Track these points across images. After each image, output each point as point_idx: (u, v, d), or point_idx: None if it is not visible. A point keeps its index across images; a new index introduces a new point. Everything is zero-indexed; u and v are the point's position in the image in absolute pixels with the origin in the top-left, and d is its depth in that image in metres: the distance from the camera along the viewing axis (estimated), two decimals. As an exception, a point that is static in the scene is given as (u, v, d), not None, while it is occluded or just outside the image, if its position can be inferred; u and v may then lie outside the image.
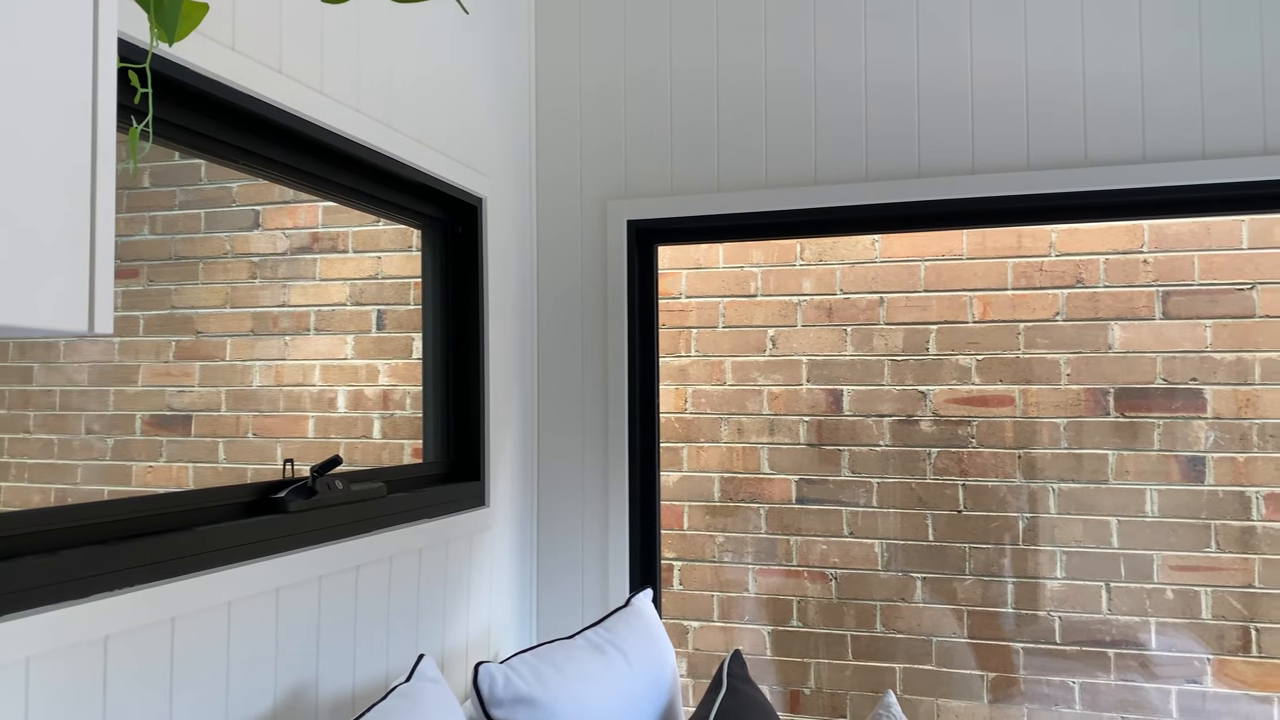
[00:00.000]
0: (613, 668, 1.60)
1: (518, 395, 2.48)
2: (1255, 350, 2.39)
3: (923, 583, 2.59)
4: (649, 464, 2.63)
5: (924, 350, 2.61)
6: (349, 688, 1.51)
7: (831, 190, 2.43)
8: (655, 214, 2.53)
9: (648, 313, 2.63)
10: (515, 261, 2.49)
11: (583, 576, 2.56)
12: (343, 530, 1.50)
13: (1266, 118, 2.21)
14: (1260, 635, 2.37)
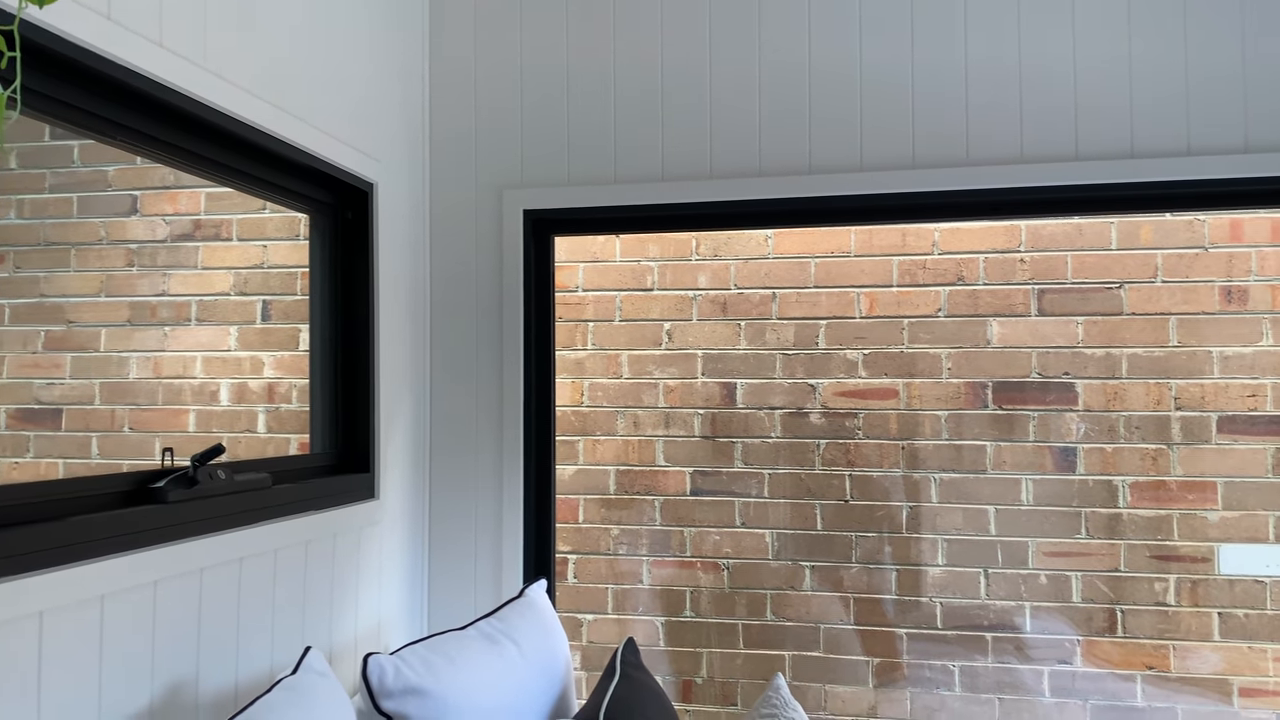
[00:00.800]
0: (505, 658, 1.62)
1: (410, 387, 2.47)
2: (1123, 346, 2.55)
3: (811, 571, 2.68)
4: (544, 456, 2.66)
5: (814, 345, 2.70)
6: (232, 684, 1.49)
7: (726, 185, 2.50)
8: (552, 204, 2.56)
9: (544, 304, 2.66)
10: (408, 250, 2.48)
11: (475, 570, 2.57)
12: (225, 522, 1.49)
13: (1134, 120, 2.35)
14: (1125, 617, 2.53)
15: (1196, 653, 2.50)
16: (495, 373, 2.61)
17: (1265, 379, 2.49)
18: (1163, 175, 2.34)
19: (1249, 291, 2.51)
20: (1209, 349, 2.52)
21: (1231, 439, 2.49)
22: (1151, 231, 2.56)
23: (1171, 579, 2.52)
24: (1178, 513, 2.52)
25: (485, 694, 1.52)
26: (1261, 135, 2.31)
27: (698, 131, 2.55)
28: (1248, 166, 2.30)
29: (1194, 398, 2.52)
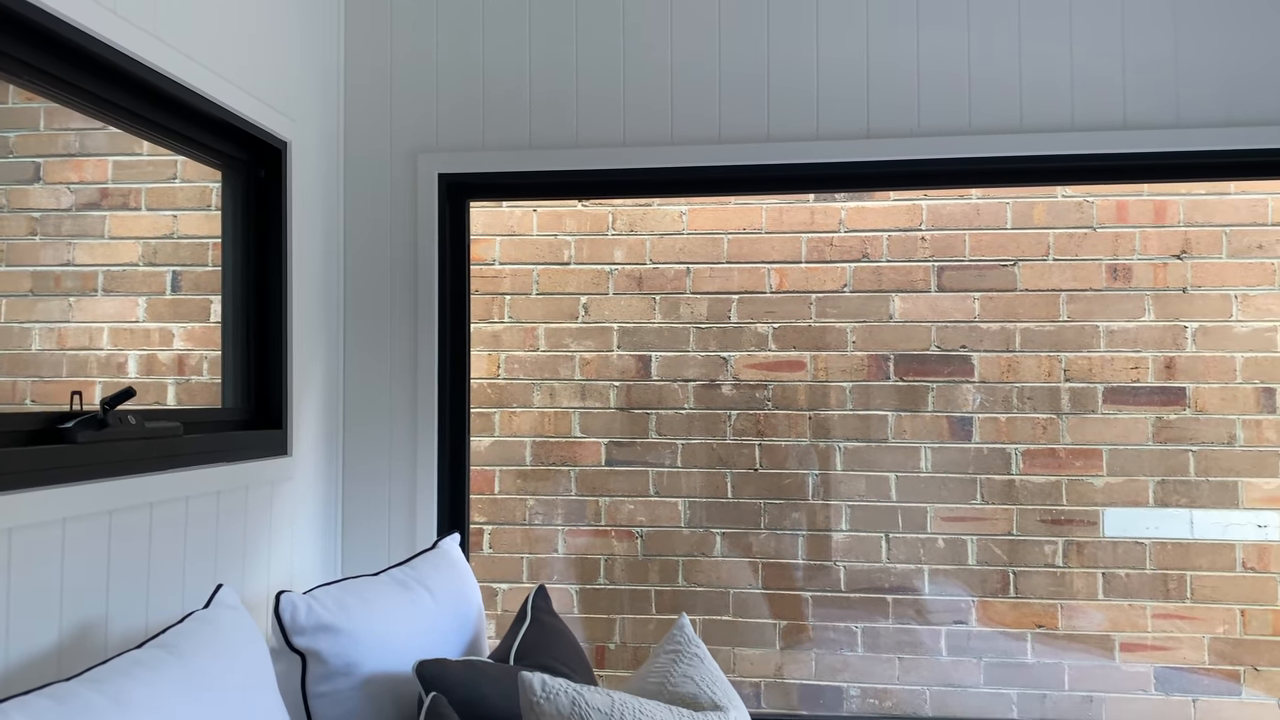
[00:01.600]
0: (417, 603, 1.69)
1: (323, 348, 2.50)
2: (1016, 321, 2.71)
3: (722, 538, 2.78)
4: (459, 419, 2.71)
5: (726, 319, 2.80)
6: (142, 626, 1.53)
7: (639, 152, 2.57)
8: (467, 168, 2.60)
9: (459, 268, 2.71)
10: (322, 211, 2.51)
11: (389, 531, 2.61)
12: (135, 466, 1.52)
13: (1023, 97, 2.50)
14: (1017, 578, 2.69)
15: (1082, 611, 2.67)
16: (410, 337, 2.65)
17: (1147, 352, 2.66)
18: (1053, 149, 2.49)
19: (1133, 270, 2.68)
20: (1096, 324, 2.69)
21: (1116, 409, 2.67)
22: (1044, 212, 2.72)
23: (1060, 542, 2.68)
24: (1066, 479, 2.68)
25: (398, 634, 1.58)
26: (1190, 112, 2.47)
27: (611, 99, 2.62)
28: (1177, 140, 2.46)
29: (1082, 370, 2.68)
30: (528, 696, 1.40)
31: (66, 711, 0.95)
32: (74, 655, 1.34)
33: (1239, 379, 2.61)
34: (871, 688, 2.74)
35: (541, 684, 1.40)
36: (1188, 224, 2.66)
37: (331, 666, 1.46)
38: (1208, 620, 2.63)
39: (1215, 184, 2.62)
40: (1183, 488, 2.64)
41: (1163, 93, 2.46)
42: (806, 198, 2.78)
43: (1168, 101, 2.45)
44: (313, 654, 1.46)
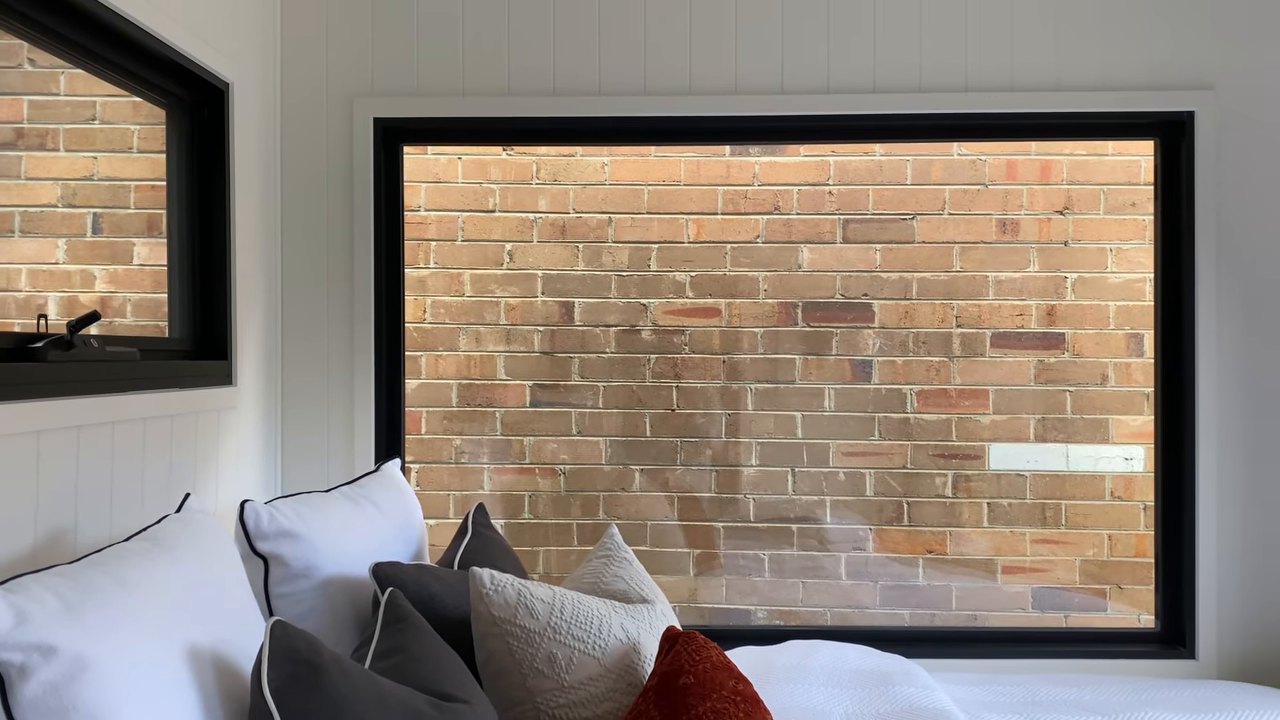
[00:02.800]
0: (367, 516, 1.83)
1: (263, 285, 2.59)
2: (914, 271, 2.95)
3: (640, 474, 2.98)
4: (394, 357, 2.82)
5: (646, 267, 2.97)
6: (106, 536, 1.64)
7: (568, 101, 2.71)
8: (401, 113, 2.70)
9: (394, 210, 2.81)
10: (263, 152, 2.59)
11: (327, 460, 2.72)
12: (99, 386, 1.63)
13: (922, 56, 2.70)
14: (910, 508, 2.95)
15: (968, 538, 2.95)
16: (346, 276, 2.74)
17: (1031, 300, 2.93)
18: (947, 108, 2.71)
19: (1020, 224, 2.94)
20: (986, 274, 2.94)
21: (1002, 352, 2.93)
22: (941, 169, 2.95)
23: (949, 474, 2.95)
24: (956, 417, 2.95)
25: (351, 542, 1.73)
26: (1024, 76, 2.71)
27: (543, 49, 2.73)
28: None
29: (972, 316, 2.94)
30: (478, 589, 1.57)
31: (76, 586, 1.08)
32: (49, 560, 1.45)
33: (1112, 326, 2.91)
34: (778, 609, 2.98)
35: (490, 578, 1.57)
36: (1070, 182, 2.93)
37: (292, 569, 1.61)
38: (1079, 545, 2.93)
39: (1095, 145, 2.89)
40: (1060, 425, 2.92)
41: (1045, 58, 2.69)
42: (723, 151, 2.96)
43: (1049, 66, 2.69)
44: (275, 558, 1.59)
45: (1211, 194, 2.64)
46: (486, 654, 1.58)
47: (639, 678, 1.61)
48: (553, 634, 1.55)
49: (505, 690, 1.55)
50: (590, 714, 1.55)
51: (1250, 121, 2.65)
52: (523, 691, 1.55)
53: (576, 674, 1.55)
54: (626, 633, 1.62)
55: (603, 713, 1.56)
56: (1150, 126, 2.72)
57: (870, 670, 2.14)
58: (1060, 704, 2.13)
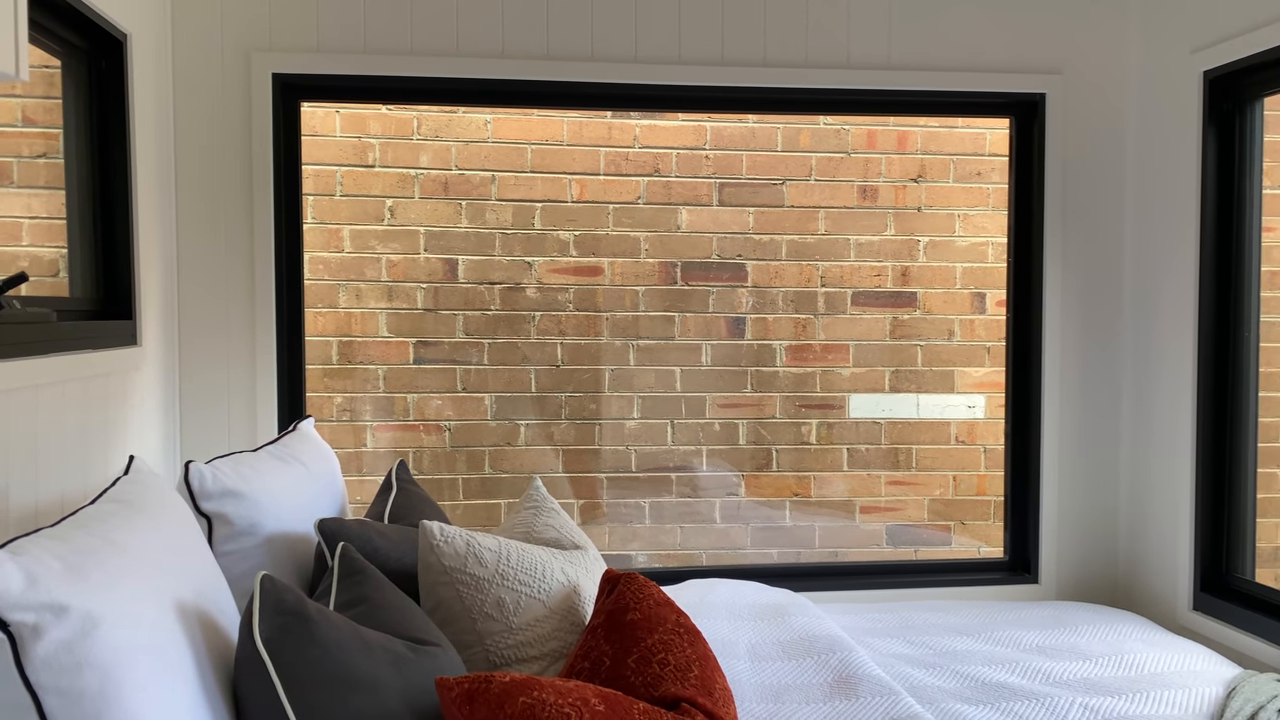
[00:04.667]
0: (296, 473, 1.83)
1: (160, 244, 2.48)
2: (783, 234, 3.12)
3: (526, 429, 3.04)
4: (295, 317, 2.77)
5: (530, 225, 3.01)
6: (33, 501, 1.58)
7: (472, 63, 2.70)
8: (301, 69, 2.62)
9: (293, 167, 2.73)
10: (160, 107, 2.47)
11: (228, 421, 2.65)
12: (24, 349, 1.55)
13: (808, 35, 2.85)
14: (778, 455, 3.14)
15: (830, 481, 3.18)
16: (246, 234, 2.66)
17: (887, 262, 3.16)
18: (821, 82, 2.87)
19: (879, 191, 3.15)
20: (848, 237, 3.15)
21: (861, 310, 3.15)
22: (809, 137, 3.12)
23: (814, 423, 3.16)
24: (819, 370, 3.16)
25: (287, 499, 1.73)
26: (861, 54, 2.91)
27: (446, 9, 2.70)
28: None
29: (835, 277, 3.14)
30: (428, 540, 1.61)
31: (72, 548, 1.07)
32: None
33: (958, 285, 3.17)
34: (657, 553, 3.13)
35: (440, 529, 1.61)
36: (924, 152, 3.16)
37: (237, 528, 1.59)
38: (928, 485, 3.21)
39: (947, 118, 3.12)
40: (912, 376, 3.18)
41: (918, 41, 2.89)
42: (604, 114, 3.03)
43: (921, 47, 2.90)
44: (219, 517, 1.58)
45: (1059, 167, 2.93)
46: (436, 602, 1.63)
47: (580, 617, 1.70)
48: (501, 580, 1.61)
49: (455, 635, 1.61)
50: (537, 653, 1.63)
51: (1091, 103, 2.95)
52: (473, 635, 1.61)
53: (524, 616, 1.63)
54: (567, 576, 1.71)
55: (549, 651, 1.64)
56: (1007, 106, 2.98)
57: (766, 604, 2.31)
58: (931, 627, 2.37)
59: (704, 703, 1.45)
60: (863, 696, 1.85)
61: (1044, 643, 2.27)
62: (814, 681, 1.92)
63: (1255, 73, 2.49)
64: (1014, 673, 2.08)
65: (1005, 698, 1.95)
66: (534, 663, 1.62)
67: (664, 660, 1.48)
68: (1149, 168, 2.86)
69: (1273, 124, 3.15)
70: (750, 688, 1.89)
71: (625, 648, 1.51)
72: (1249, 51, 2.41)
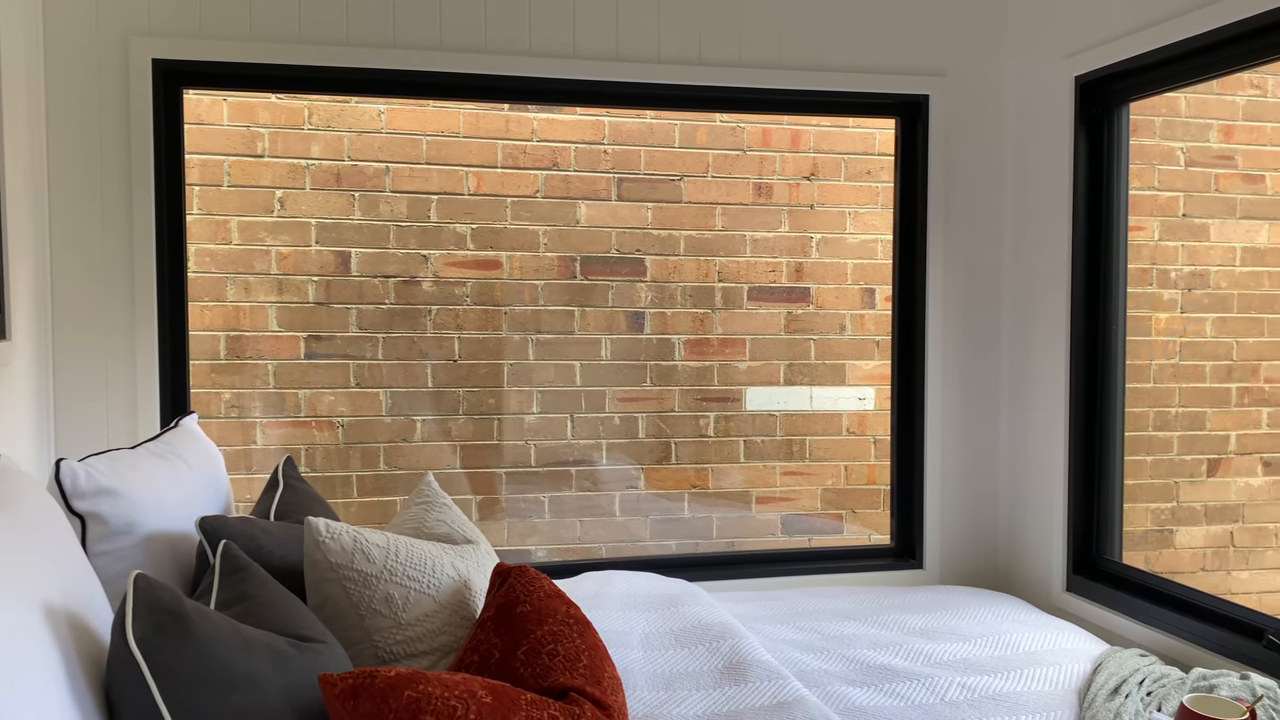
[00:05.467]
0: (177, 470, 1.78)
1: (33, 235, 2.38)
2: (681, 229, 3.15)
3: (423, 424, 3.01)
4: (179, 311, 2.69)
5: (426, 218, 2.99)
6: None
7: (362, 52, 2.66)
8: (183, 55, 2.55)
9: (175, 157, 2.65)
10: (28, 94, 2.36)
11: (107, 418, 2.56)
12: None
13: (660, 31, 2.89)
14: (677, 448, 3.19)
15: (727, 473, 3.23)
16: (125, 224, 2.57)
17: (782, 258, 3.22)
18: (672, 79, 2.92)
19: (774, 188, 3.22)
20: (744, 233, 3.20)
21: (757, 305, 3.21)
22: (706, 134, 3.17)
23: (712, 416, 3.21)
24: (717, 363, 3.21)
25: (167, 497, 1.68)
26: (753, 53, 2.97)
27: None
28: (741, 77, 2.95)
29: (732, 272, 3.20)
30: (314, 537, 1.59)
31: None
32: None
33: (849, 281, 3.26)
34: (557, 548, 3.14)
35: (326, 526, 1.60)
36: (816, 151, 3.24)
37: (112, 527, 1.55)
38: (821, 475, 3.30)
39: (838, 118, 3.21)
40: (805, 369, 3.26)
41: (808, 42, 2.97)
42: (501, 105, 3.02)
43: (812, 48, 2.97)
44: (93, 516, 1.53)
45: (941, 167, 3.04)
46: (322, 598, 1.61)
47: (471, 611, 1.70)
48: (389, 576, 1.61)
49: (342, 631, 1.60)
50: (426, 648, 1.63)
51: (972, 105, 3.06)
52: (360, 632, 1.60)
53: (413, 612, 1.62)
54: (458, 571, 1.71)
55: (438, 645, 1.64)
56: (893, 107, 3.08)
57: (660, 594, 2.34)
58: (819, 612, 2.44)
59: (592, 691, 1.47)
60: (751, 681, 1.90)
61: (926, 625, 2.36)
62: (705, 668, 1.96)
63: (1122, 78, 2.63)
64: (897, 655, 2.16)
65: (888, 679, 2.02)
66: (423, 658, 1.62)
67: (553, 651, 1.50)
68: (1025, 168, 2.99)
69: (1139, 127, 3.33)
70: (643, 676, 1.92)
71: (515, 640, 1.52)
72: (1117, 58, 2.54)
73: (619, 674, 1.86)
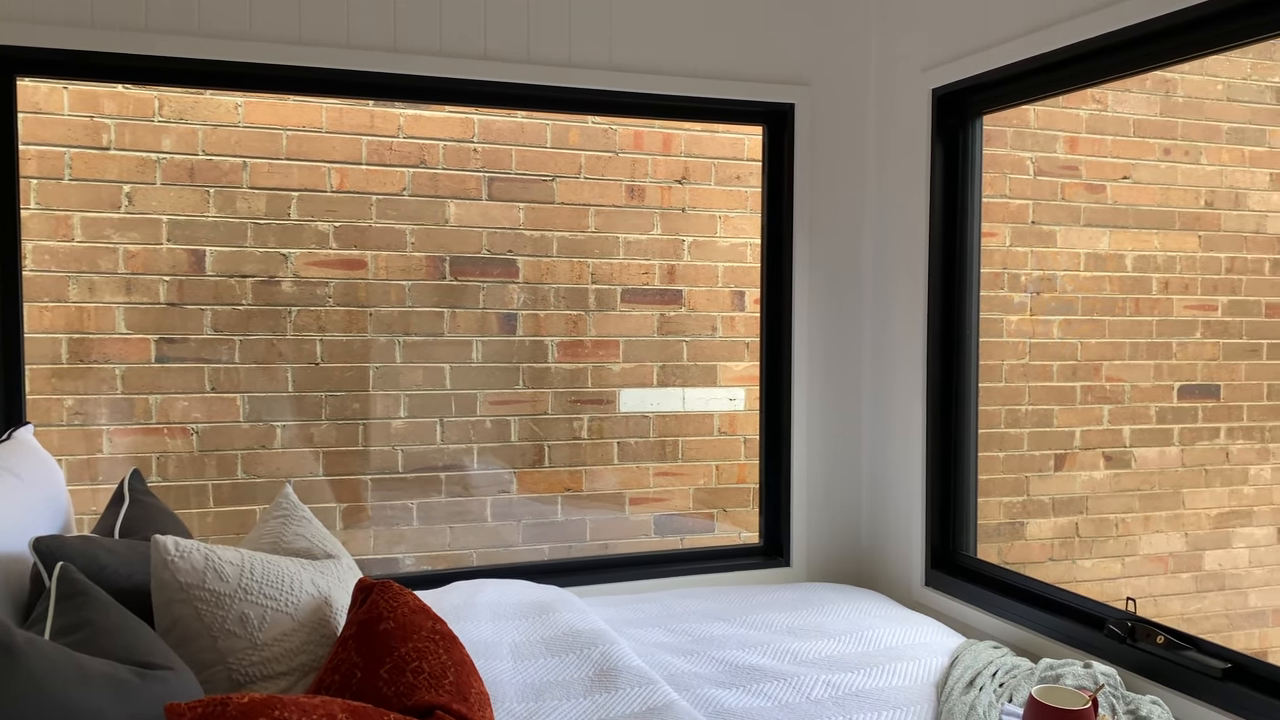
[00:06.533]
0: (7, 486, 1.67)
1: None
2: (553, 230, 3.14)
3: (283, 430, 2.91)
4: (11, 310, 2.52)
5: (286, 215, 2.89)
6: None
7: (215, 44, 2.55)
8: (14, 41, 2.39)
9: (8, 149, 2.48)
10: None
11: None
12: None
13: (530, 31, 2.88)
14: (550, 451, 3.17)
15: (601, 475, 3.24)
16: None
17: (655, 260, 3.25)
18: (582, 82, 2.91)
19: (646, 190, 3.23)
20: (617, 235, 3.21)
21: (630, 307, 3.23)
22: (578, 135, 3.16)
23: (585, 418, 3.21)
24: (591, 365, 3.21)
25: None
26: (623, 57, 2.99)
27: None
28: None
29: (605, 274, 3.20)
30: (161, 556, 1.51)
31: None
32: None
33: (720, 284, 3.31)
34: (426, 555, 3.09)
35: (174, 544, 1.52)
36: (687, 155, 3.27)
37: (-68, 552, 1.43)
38: (693, 475, 3.34)
39: (710, 123, 3.25)
40: (678, 371, 3.29)
41: (640, 44, 2.99)
42: (366, 102, 2.94)
43: (644, 51, 3.00)
44: (-91, 540, 1.42)
45: (807, 174, 3.11)
46: (171, 620, 1.54)
47: (333, 629, 1.65)
48: (244, 595, 1.54)
49: (194, 654, 1.53)
50: (285, 668, 1.57)
51: (836, 114, 3.15)
52: (213, 654, 1.53)
53: (270, 631, 1.56)
54: (317, 587, 1.65)
55: (297, 665, 1.59)
56: (760, 114, 3.13)
57: (531, 602, 2.33)
58: (690, 614, 2.47)
59: (458, 708, 1.45)
60: (622, 688, 1.90)
61: (793, 623, 2.42)
62: (575, 676, 1.96)
63: (977, 92, 2.75)
64: (765, 654, 2.20)
65: (756, 679, 2.06)
66: (281, 679, 1.56)
67: (418, 668, 1.47)
68: (886, 177, 3.09)
69: (992, 138, 3.50)
70: (512, 687, 1.90)
71: (378, 658, 1.48)
72: (971, 72, 2.66)
73: (488, 687, 1.84)
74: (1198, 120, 3.82)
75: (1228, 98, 3.84)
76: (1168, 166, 3.81)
